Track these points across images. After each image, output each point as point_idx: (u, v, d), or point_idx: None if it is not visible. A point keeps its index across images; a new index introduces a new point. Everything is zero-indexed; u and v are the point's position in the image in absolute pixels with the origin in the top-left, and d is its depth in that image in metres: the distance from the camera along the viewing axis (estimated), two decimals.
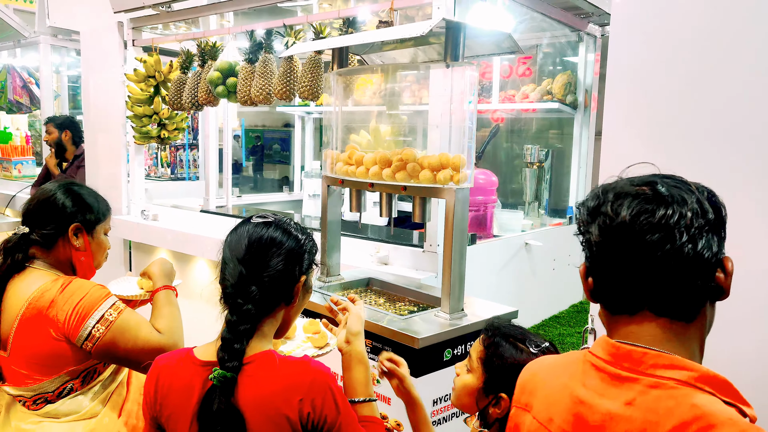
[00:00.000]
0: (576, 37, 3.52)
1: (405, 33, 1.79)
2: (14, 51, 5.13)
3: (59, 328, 1.56)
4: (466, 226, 1.93)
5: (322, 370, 1.20)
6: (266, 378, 1.17)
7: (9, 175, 5.16)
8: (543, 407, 0.97)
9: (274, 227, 1.28)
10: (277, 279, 1.24)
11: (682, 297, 0.86)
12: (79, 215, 1.73)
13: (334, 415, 1.17)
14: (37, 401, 1.63)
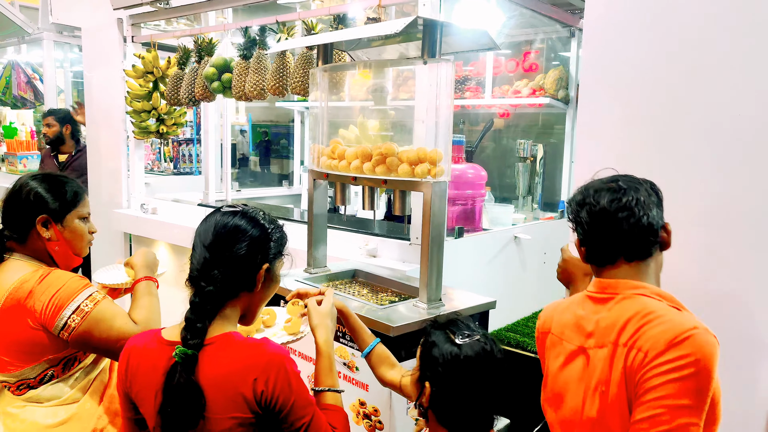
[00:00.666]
0: (568, 33, 3.55)
1: (379, 31, 1.84)
2: (19, 47, 5.22)
3: (36, 318, 1.62)
4: (443, 218, 1.98)
5: (278, 351, 1.25)
6: (225, 357, 1.24)
7: (14, 169, 5.26)
8: (557, 327, 1.46)
9: (240, 216, 1.35)
10: (238, 264, 1.30)
11: (643, 248, 1.35)
12: (44, 206, 1.74)
13: (286, 395, 1.22)
14: (21, 387, 1.70)
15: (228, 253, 1.31)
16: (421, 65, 1.98)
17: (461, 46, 2.14)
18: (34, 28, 4.80)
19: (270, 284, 1.39)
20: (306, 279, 2.27)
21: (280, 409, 1.23)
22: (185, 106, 3.65)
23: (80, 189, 1.86)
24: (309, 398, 1.28)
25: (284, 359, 1.24)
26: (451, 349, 1.31)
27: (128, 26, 3.87)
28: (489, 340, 1.34)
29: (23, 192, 1.76)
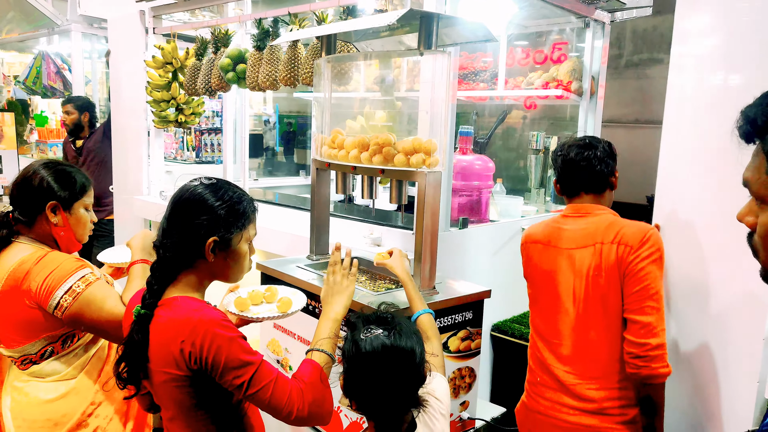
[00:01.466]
0: (582, 24, 3.52)
1: (375, 23, 1.87)
2: (49, 38, 5.38)
3: (31, 297, 1.72)
4: (437, 208, 2.00)
5: (209, 318, 1.35)
6: (166, 319, 1.38)
7: (45, 156, 5.43)
8: (539, 237, 2.03)
9: (201, 186, 1.47)
10: (186, 236, 1.42)
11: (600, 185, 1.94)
12: (55, 193, 1.85)
13: (214, 356, 1.33)
14: (24, 362, 1.81)
15: (179, 224, 1.43)
16: (419, 57, 2.01)
17: (460, 37, 2.15)
18: (63, 20, 4.94)
19: (228, 256, 1.47)
20: (307, 265, 2.32)
21: (212, 369, 1.34)
22: (202, 96, 3.73)
23: (87, 180, 1.97)
24: (247, 360, 1.36)
25: (213, 324, 1.34)
26: (353, 344, 1.36)
27: (150, 18, 3.96)
28: (395, 336, 1.35)
29: (35, 179, 1.86)
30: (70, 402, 1.83)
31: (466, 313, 2.05)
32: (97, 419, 1.87)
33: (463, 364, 2.06)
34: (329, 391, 1.46)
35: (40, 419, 1.82)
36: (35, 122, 5.69)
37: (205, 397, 1.40)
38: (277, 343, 2.30)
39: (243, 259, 1.52)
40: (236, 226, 1.47)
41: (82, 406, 1.85)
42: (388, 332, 1.35)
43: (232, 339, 1.35)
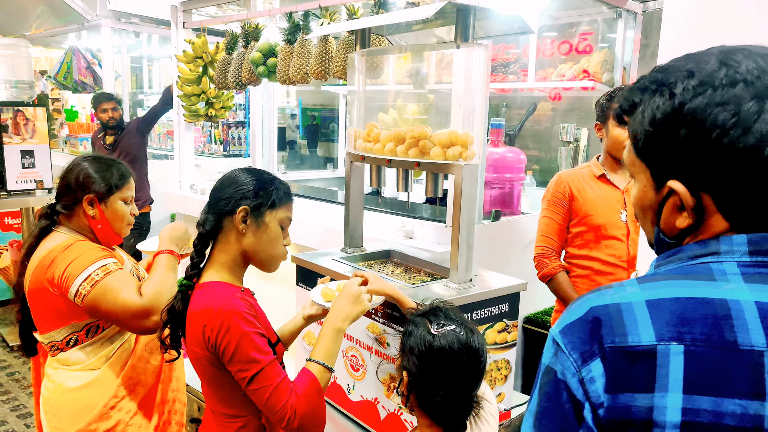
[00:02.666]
0: (614, 14, 3.48)
1: (411, 16, 1.87)
2: (79, 33, 5.45)
3: (54, 285, 1.77)
4: (474, 200, 2.01)
5: (230, 308, 1.43)
6: (197, 301, 1.50)
7: (76, 151, 5.53)
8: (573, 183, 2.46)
9: (239, 169, 1.61)
10: (219, 207, 1.55)
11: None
12: (91, 186, 1.90)
13: (226, 346, 1.42)
14: (53, 348, 1.87)
15: (215, 198, 1.57)
16: (455, 49, 2.01)
17: (495, 30, 2.15)
18: (93, 15, 5.00)
19: (259, 229, 1.56)
20: (342, 258, 2.34)
21: (222, 356, 1.44)
22: (233, 90, 3.76)
23: (126, 173, 2.00)
24: (254, 357, 1.42)
25: (233, 315, 1.42)
26: (425, 339, 1.35)
27: (180, 12, 3.99)
28: (466, 330, 1.36)
29: (75, 171, 1.92)
30: (93, 393, 1.86)
31: (503, 306, 2.05)
32: (120, 413, 1.89)
33: (499, 356, 2.07)
34: (323, 404, 1.50)
35: (64, 407, 1.87)
36: (65, 117, 5.78)
37: (229, 378, 1.48)
38: (312, 335, 2.32)
39: (275, 239, 1.59)
40: (267, 202, 1.56)
41: (105, 398, 1.87)
42: (460, 328, 1.35)
43: (247, 333, 1.42)
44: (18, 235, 5.59)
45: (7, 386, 4.29)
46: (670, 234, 0.86)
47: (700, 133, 0.77)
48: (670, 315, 0.75)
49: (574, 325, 0.80)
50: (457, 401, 1.35)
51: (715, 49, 0.83)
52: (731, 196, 0.79)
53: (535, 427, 0.81)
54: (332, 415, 2.22)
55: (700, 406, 0.71)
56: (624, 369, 0.74)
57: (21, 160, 4.47)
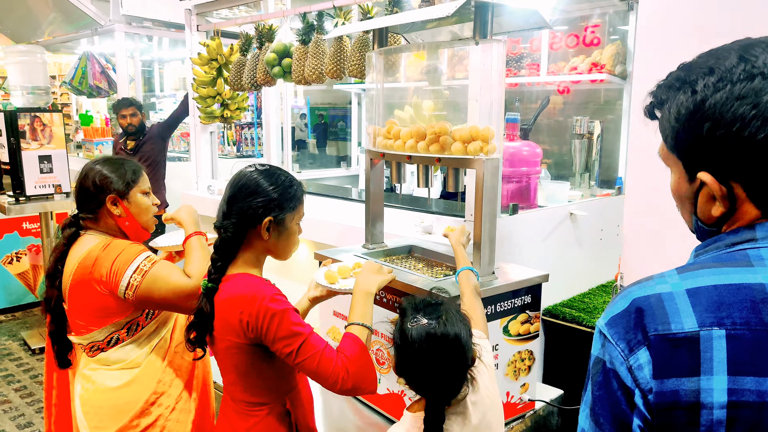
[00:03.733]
0: (626, 7, 3.50)
1: (432, 14, 1.90)
2: (92, 39, 5.51)
3: (103, 283, 1.82)
4: (495, 194, 2.04)
5: (264, 293, 1.52)
6: (228, 291, 1.57)
7: (91, 155, 5.59)
8: None
9: (256, 173, 1.64)
10: (244, 217, 1.59)
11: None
12: (111, 186, 1.95)
13: (267, 327, 1.49)
14: (93, 349, 1.92)
15: (238, 207, 1.60)
16: (473, 46, 2.03)
17: (513, 25, 2.18)
18: (106, 20, 5.05)
19: (282, 234, 1.65)
20: (364, 254, 2.37)
21: (265, 338, 1.51)
22: (247, 91, 3.80)
23: (137, 167, 2.05)
24: (296, 330, 1.51)
25: (267, 298, 1.51)
26: (401, 332, 1.43)
27: (194, 16, 4.04)
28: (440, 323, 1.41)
29: (90, 176, 1.97)
30: (134, 390, 1.92)
31: (525, 297, 2.08)
32: (159, 408, 1.96)
33: (523, 347, 2.10)
34: (371, 362, 1.58)
35: (105, 406, 1.92)
36: (81, 121, 5.84)
37: (260, 364, 1.58)
38: (337, 330, 2.36)
39: (294, 237, 1.70)
40: (289, 208, 1.64)
41: (145, 394, 1.93)
42: (434, 320, 1.41)
43: (284, 311, 1.51)
44: (36, 240, 5.66)
45: (30, 388, 4.35)
46: (707, 222, 0.90)
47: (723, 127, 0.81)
48: (710, 302, 0.78)
49: (618, 317, 0.84)
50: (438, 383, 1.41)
51: (737, 44, 0.86)
52: (759, 184, 0.82)
53: (591, 415, 0.86)
54: (359, 408, 2.25)
55: (744, 386, 0.74)
56: (669, 355, 0.78)
57: (39, 166, 4.53)
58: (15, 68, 4.73)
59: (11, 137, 4.39)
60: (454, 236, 2.04)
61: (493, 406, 1.54)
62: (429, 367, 1.39)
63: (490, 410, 1.52)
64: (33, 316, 5.78)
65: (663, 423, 0.78)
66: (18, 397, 4.23)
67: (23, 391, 4.32)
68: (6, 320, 5.70)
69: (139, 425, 1.91)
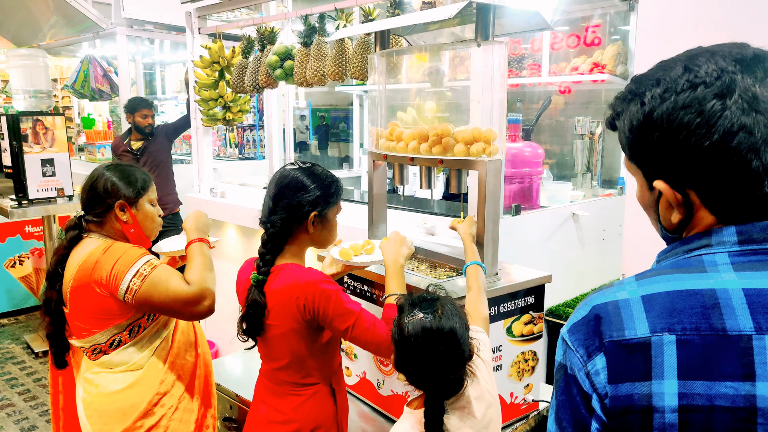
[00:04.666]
0: (627, 7, 3.50)
1: (434, 16, 1.91)
2: (94, 42, 5.52)
3: (103, 285, 1.84)
4: (498, 195, 2.04)
5: (315, 278, 1.67)
6: (281, 281, 1.70)
7: (93, 158, 5.59)
8: None
9: (296, 172, 1.77)
10: (291, 212, 1.73)
11: None
12: (121, 192, 1.98)
13: (324, 307, 1.64)
14: (95, 351, 1.93)
15: (284, 203, 1.73)
16: (475, 47, 2.04)
17: (515, 26, 2.18)
18: (108, 23, 5.06)
19: (324, 227, 1.79)
20: None
21: (322, 318, 1.66)
22: (249, 94, 3.80)
23: (147, 176, 2.09)
24: (349, 308, 1.66)
25: (319, 282, 1.66)
26: (398, 327, 1.45)
27: (195, 18, 4.04)
28: (436, 317, 1.42)
29: (101, 182, 1.99)
30: (137, 392, 1.94)
31: (528, 298, 2.09)
32: (163, 408, 1.98)
33: (526, 348, 2.10)
34: None
35: (110, 409, 1.94)
36: (83, 125, 5.85)
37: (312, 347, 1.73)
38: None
39: (335, 228, 1.86)
40: (331, 202, 1.79)
41: (148, 395, 1.96)
42: (430, 315, 1.43)
43: (336, 291, 1.66)
44: (39, 243, 5.67)
45: (34, 392, 4.37)
46: (669, 229, 0.92)
47: (671, 135, 0.85)
48: (662, 308, 0.81)
49: (579, 324, 0.87)
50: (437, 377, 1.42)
51: (683, 55, 0.90)
52: (711, 190, 0.85)
53: (555, 419, 0.89)
54: (363, 410, 2.26)
55: (693, 390, 0.76)
56: (624, 360, 0.80)
57: (41, 169, 4.54)
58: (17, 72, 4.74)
59: (13, 141, 4.41)
60: (462, 228, 2.03)
61: (493, 402, 1.55)
62: (426, 360, 1.41)
63: (492, 405, 1.53)
64: (36, 319, 5.79)
65: (619, 427, 0.80)
66: (21, 401, 4.23)
67: (26, 395, 4.32)
68: (9, 323, 5.71)
69: (143, 426, 1.93)
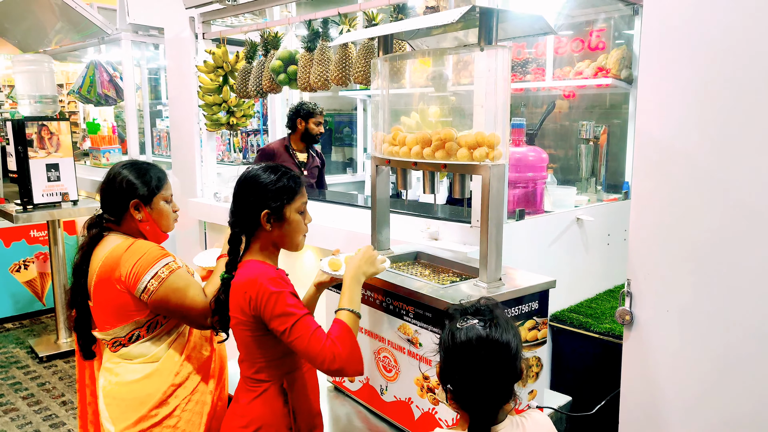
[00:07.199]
0: (631, 11, 3.49)
1: (437, 21, 1.90)
2: (99, 47, 5.54)
3: (122, 282, 1.91)
4: (502, 200, 2.03)
5: (266, 275, 1.70)
6: (239, 276, 1.77)
7: (98, 163, 5.60)
8: None
9: (258, 170, 1.80)
10: (245, 211, 1.78)
11: None
12: (135, 191, 2.03)
13: (264, 306, 1.67)
14: (115, 344, 2.01)
15: (239, 202, 1.79)
16: (478, 52, 2.03)
17: (518, 31, 2.17)
18: (113, 29, 5.08)
19: (284, 226, 1.79)
20: None
21: (263, 315, 1.68)
22: (253, 98, 3.81)
23: (162, 174, 2.13)
24: (290, 311, 1.67)
25: (268, 280, 1.68)
26: (449, 333, 1.40)
27: (199, 24, 4.05)
28: (491, 325, 1.38)
29: (116, 180, 2.05)
30: (154, 382, 2.01)
31: (532, 303, 2.07)
32: (177, 399, 2.04)
33: (530, 354, 2.09)
34: (357, 346, 1.73)
35: (127, 398, 2.00)
36: (88, 130, 5.87)
37: (261, 341, 1.76)
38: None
39: (296, 226, 1.82)
40: (284, 198, 1.77)
41: (164, 386, 2.02)
42: (484, 323, 1.38)
43: (281, 292, 1.67)
44: (44, 248, 5.68)
45: (38, 396, 4.37)
46: None
47: None
48: None
49: None
50: (484, 392, 1.37)
51: None
52: None
53: None
54: (366, 416, 2.25)
55: None
56: None
57: (46, 174, 4.56)
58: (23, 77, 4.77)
59: (19, 146, 4.42)
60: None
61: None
62: (477, 372, 1.35)
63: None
64: (40, 324, 5.80)
65: None
66: (25, 405, 4.24)
67: (30, 399, 4.33)
68: (13, 328, 5.72)
69: (158, 415, 2.00)
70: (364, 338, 2.24)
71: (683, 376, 1.99)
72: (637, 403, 2.11)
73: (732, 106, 1.78)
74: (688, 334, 1.96)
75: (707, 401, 1.92)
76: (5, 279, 5.65)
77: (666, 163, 1.95)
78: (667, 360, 2.03)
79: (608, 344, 2.72)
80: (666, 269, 2.01)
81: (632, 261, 2.11)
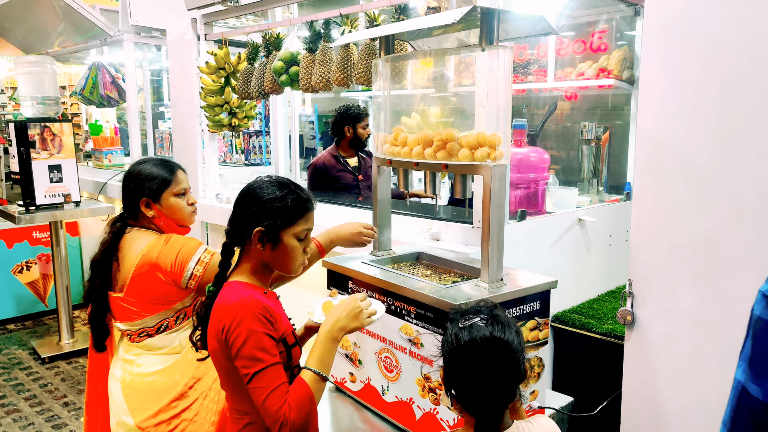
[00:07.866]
0: (632, 12, 3.49)
1: (438, 21, 1.91)
2: (101, 49, 5.55)
3: (167, 273, 2.00)
4: (503, 201, 2.03)
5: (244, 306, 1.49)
6: (220, 298, 1.57)
7: (101, 164, 5.61)
8: None
9: (261, 182, 1.66)
10: (240, 224, 1.60)
11: None
12: (143, 190, 2.08)
13: (234, 340, 1.47)
14: (141, 334, 2.07)
15: (237, 213, 1.62)
16: (479, 52, 2.03)
17: (519, 32, 2.17)
18: (115, 31, 5.09)
19: (278, 249, 1.59)
20: (372, 261, 2.37)
21: (231, 349, 1.49)
22: (255, 100, 3.81)
23: (169, 172, 2.15)
24: (258, 356, 1.47)
25: (245, 313, 1.48)
26: (453, 333, 1.38)
27: (201, 25, 4.06)
28: (495, 324, 1.37)
29: (129, 178, 2.12)
30: (174, 374, 2.07)
31: (534, 304, 2.07)
32: (196, 392, 2.09)
33: (532, 354, 2.09)
34: (315, 411, 1.55)
35: (148, 388, 2.06)
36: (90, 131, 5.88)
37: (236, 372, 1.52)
38: (346, 338, 2.35)
39: (292, 252, 1.61)
40: (283, 220, 1.58)
41: (184, 379, 2.08)
42: (486, 322, 1.37)
43: (255, 332, 1.47)
44: (46, 249, 5.69)
45: (40, 397, 4.37)
46: None
47: None
48: None
49: None
50: (489, 392, 1.36)
51: None
52: None
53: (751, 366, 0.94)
54: (368, 417, 2.25)
55: None
56: None
57: (49, 175, 4.56)
58: (25, 79, 4.77)
59: (21, 147, 4.43)
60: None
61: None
62: (481, 372, 1.34)
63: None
64: (42, 325, 5.81)
65: None
66: (27, 406, 4.24)
67: (33, 400, 4.33)
68: (16, 329, 5.73)
69: (178, 407, 2.05)
70: (365, 338, 2.24)
71: (685, 376, 1.99)
72: (639, 404, 2.11)
73: (733, 107, 1.78)
74: (690, 335, 1.96)
75: (708, 401, 1.92)
76: (8, 280, 5.66)
77: (667, 164, 1.96)
78: (668, 360, 2.03)
79: (610, 345, 2.72)
80: (667, 270, 2.01)
81: (634, 261, 2.11)
